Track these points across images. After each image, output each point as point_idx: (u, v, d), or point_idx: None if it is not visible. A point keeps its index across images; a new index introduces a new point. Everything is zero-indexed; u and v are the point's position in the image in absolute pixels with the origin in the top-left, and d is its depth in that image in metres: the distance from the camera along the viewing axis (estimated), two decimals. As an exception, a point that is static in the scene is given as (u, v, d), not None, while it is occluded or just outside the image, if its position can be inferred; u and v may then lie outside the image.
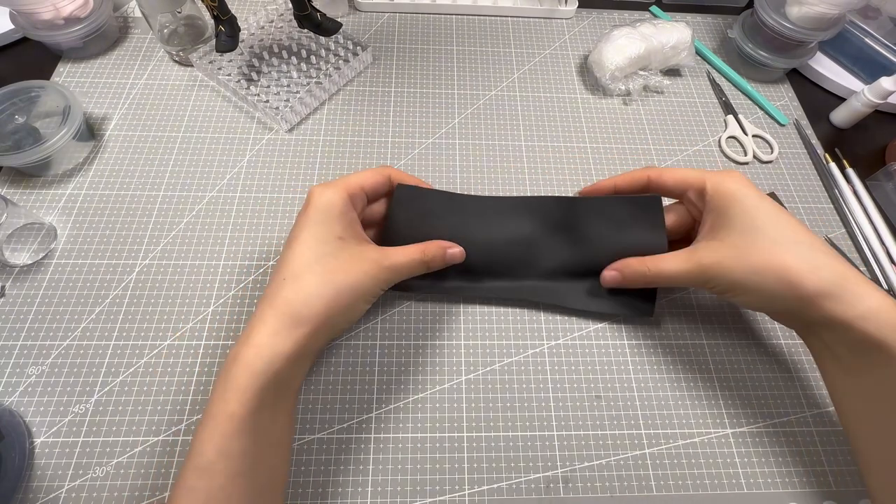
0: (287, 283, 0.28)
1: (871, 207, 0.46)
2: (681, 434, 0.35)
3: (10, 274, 0.38)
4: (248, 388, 0.25)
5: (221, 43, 0.43)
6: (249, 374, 0.26)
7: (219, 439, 0.24)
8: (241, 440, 0.25)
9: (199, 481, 0.24)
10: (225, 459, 0.24)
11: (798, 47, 0.51)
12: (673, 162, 0.48)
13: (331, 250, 0.29)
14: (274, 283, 0.29)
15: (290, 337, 0.27)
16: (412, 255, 0.32)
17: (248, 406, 0.25)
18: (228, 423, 0.25)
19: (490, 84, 0.52)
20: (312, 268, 0.28)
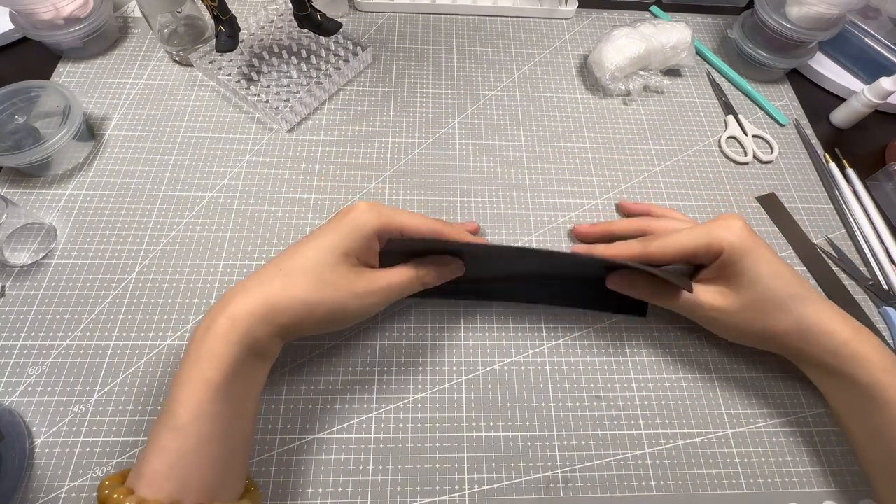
0: (282, 274, 0.29)
1: (871, 207, 0.46)
2: (681, 434, 0.35)
3: (10, 274, 0.38)
4: (223, 355, 0.26)
5: (221, 43, 0.43)
6: (226, 344, 0.26)
7: (194, 403, 0.25)
8: (215, 405, 0.26)
9: (172, 442, 0.25)
10: (198, 423, 0.25)
11: (798, 47, 0.51)
12: (673, 162, 0.48)
13: (331, 262, 0.30)
14: (270, 269, 0.30)
15: (263, 321, 0.28)
16: (405, 274, 0.33)
17: (223, 373, 0.26)
18: (204, 389, 0.25)
19: (490, 84, 0.52)
20: (307, 273, 0.29)
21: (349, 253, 0.31)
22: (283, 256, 0.31)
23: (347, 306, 0.30)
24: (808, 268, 0.43)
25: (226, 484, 0.26)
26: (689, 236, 0.35)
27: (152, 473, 0.24)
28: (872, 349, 0.31)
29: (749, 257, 0.33)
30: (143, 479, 0.24)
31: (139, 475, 0.24)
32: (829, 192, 0.47)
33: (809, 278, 0.42)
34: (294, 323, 0.29)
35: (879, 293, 0.41)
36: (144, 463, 0.25)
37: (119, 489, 0.24)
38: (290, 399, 0.35)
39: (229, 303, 0.28)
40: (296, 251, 0.30)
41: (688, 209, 0.45)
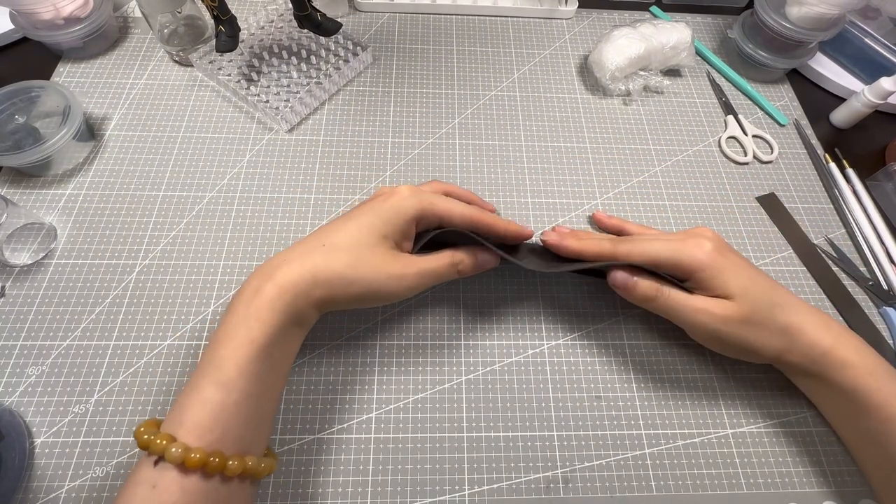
0: (323, 250, 0.30)
1: (871, 207, 0.46)
2: (681, 434, 0.35)
3: (10, 274, 0.38)
4: (269, 321, 0.27)
5: (221, 43, 0.43)
6: (271, 310, 0.28)
7: (240, 360, 0.26)
8: (258, 364, 0.27)
9: (216, 394, 0.26)
10: (244, 379, 0.26)
11: (798, 47, 0.51)
12: (673, 162, 0.48)
13: (371, 244, 0.31)
14: (310, 242, 0.31)
15: (308, 293, 0.29)
16: (441, 261, 0.34)
17: (267, 336, 0.27)
18: (250, 348, 0.27)
19: (490, 84, 0.52)
20: (349, 250, 0.31)
21: (388, 236, 0.32)
22: (324, 231, 0.32)
23: (382, 287, 0.31)
24: (808, 268, 0.43)
25: (256, 441, 0.28)
26: (660, 247, 0.34)
27: (194, 422, 0.25)
28: (855, 353, 0.32)
29: (723, 275, 0.33)
30: (185, 427, 0.25)
31: (180, 423, 0.25)
32: (829, 192, 0.47)
33: (809, 278, 0.42)
34: (330, 297, 0.30)
35: (879, 293, 0.41)
36: (185, 412, 0.25)
37: (160, 435, 0.24)
38: (289, 399, 0.35)
39: (275, 272, 0.29)
40: (338, 228, 0.32)
41: (688, 209, 0.45)
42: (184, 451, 0.24)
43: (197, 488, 0.24)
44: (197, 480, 0.24)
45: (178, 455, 0.23)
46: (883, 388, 0.31)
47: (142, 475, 0.24)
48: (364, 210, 0.32)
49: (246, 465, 0.25)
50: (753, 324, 0.33)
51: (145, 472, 0.24)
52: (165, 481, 0.24)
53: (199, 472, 0.24)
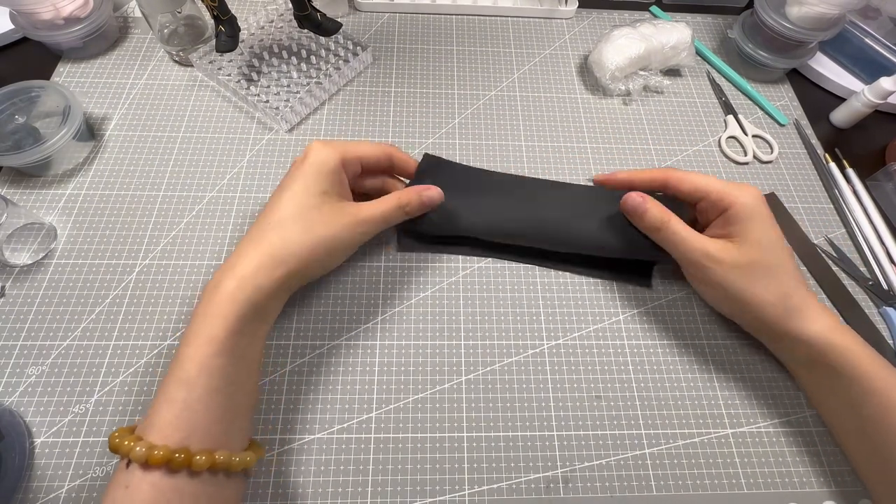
0: (272, 228, 0.31)
1: (871, 207, 0.46)
2: (681, 434, 0.35)
3: (10, 274, 0.38)
4: (228, 314, 0.28)
5: (221, 43, 0.43)
6: (231, 303, 0.28)
7: (199, 357, 0.27)
8: (220, 359, 0.27)
9: (179, 392, 0.26)
10: (205, 375, 0.27)
11: (798, 47, 0.51)
12: (672, 162, 0.48)
13: (315, 203, 0.32)
14: (259, 227, 0.31)
15: (271, 275, 0.30)
16: (388, 203, 0.35)
17: (228, 330, 0.28)
18: (210, 345, 0.27)
19: (490, 84, 0.52)
20: (296, 218, 0.31)
21: (326, 191, 0.33)
22: (264, 215, 0.32)
23: (342, 237, 0.32)
24: (808, 268, 0.43)
25: (230, 435, 0.28)
26: (708, 178, 0.36)
27: (160, 422, 0.26)
28: (854, 340, 0.32)
29: (756, 220, 0.34)
30: (153, 428, 0.25)
31: (149, 425, 0.26)
32: (829, 192, 0.47)
33: (809, 278, 0.42)
34: (296, 268, 0.31)
35: (879, 293, 0.41)
36: (153, 413, 0.26)
37: (129, 437, 0.25)
38: (290, 399, 0.35)
39: (234, 264, 0.30)
40: (276, 204, 0.32)
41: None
42: (147, 449, 0.24)
43: (167, 485, 0.25)
44: (164, 477, 0.25)
45: (142, 454, 0.24)
46: (885, 374, 0.31)
47: (117, 478, 0.25)
48: (291, 179, 0.33)
49: (214, 460, 0.26)
50: (759, 275, 0.33)
51: (120, 474, 0.25)
52: (135, 481, 0.24)
53: (164, 469, 0.25)
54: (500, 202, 0.41)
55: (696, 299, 0.41)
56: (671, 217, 0.36)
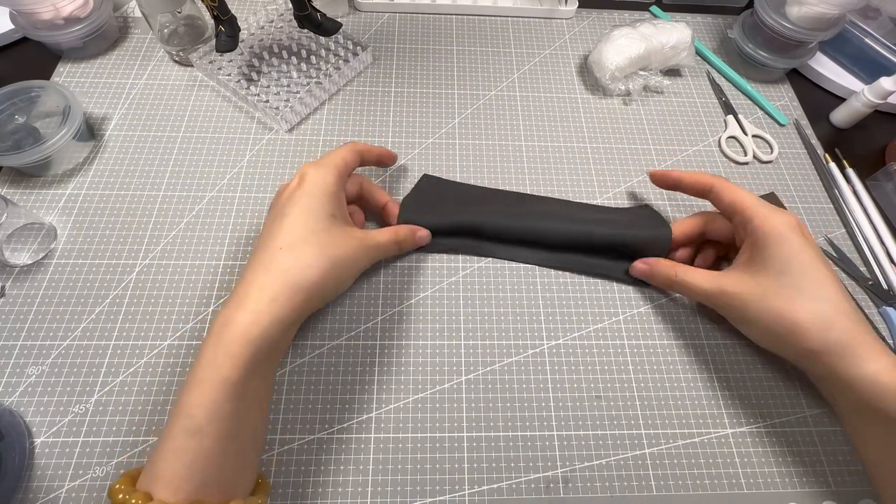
0: (283, 252, 0.29)
1: (871, 207, 0.46)
2: (681, 434, 0.35)
3: (10, 274, 0.38)
4: (242, 354, 0.26)
5: (221, 43, 0.43)
6: (245, 341, 0.26)
7: (210, 404, 0.25)
8: (232, 403, 0.25)
9: (189, 442, 0.24)
10: (216, 421, 0.25)
11: (798, 47, 0.51)
12: (672, 162, 0.48)
13: (325, 226, 0.31)
14: (267, 253, 0.29)
15: (288, 304, 0.28)
16: (387, 236, 0.36)
17: (241, 372, 0.25)
18: (221, 389, 0.25)
19: (490, 84, 0.52)
20: (308, 240, 0.30)
21: (334, 214, 0.32)
22: (266, 242, 0.30)
23: (355, 258, 0.32)
24: (808, 268, 0.43)
25: (242, 479, 0.26)
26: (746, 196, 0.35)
27: (169, 474, 0.24)
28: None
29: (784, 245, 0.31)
30: (161, 481, 0.24)
31: (155, 477, 0.24)
32: (829, 192, 0.47)
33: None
34: (317, 293, 0.29)
35: (879, 293, 0.41)
36: (161, 463, 0.24)
37: (136, 494, 0.23)
38: (289, 399, 0.35)
39: (245, 296, 0.27)
40: (278, 231, 0.30)
41: (688, 209, 0.45)
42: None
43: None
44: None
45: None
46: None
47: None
48: (291, 204, 0.31)
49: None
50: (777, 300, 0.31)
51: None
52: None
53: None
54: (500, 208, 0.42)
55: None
56: (677, 268, 0.36)
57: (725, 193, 0.36)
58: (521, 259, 0.41)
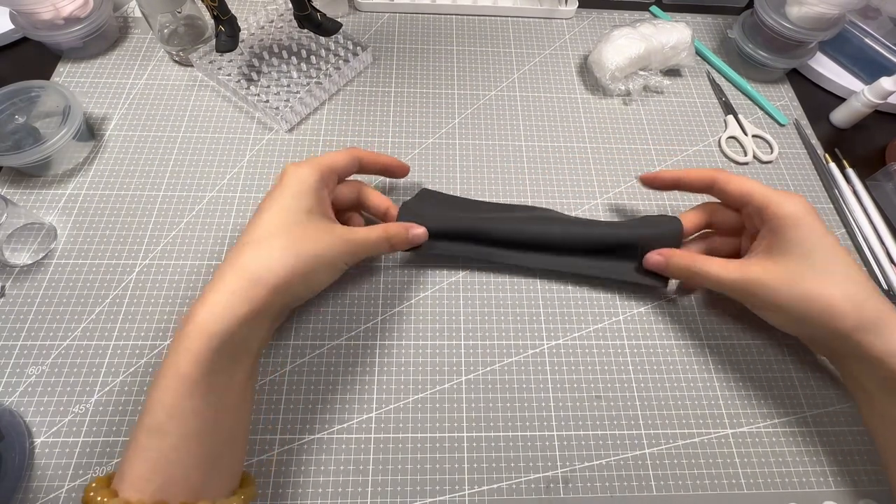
0: (249, 246, 0.29)
1: (871, 207, 0.46)
2: (681, 434, 0.35)
3: (10, 274, 0.38)
4: (200, 348, 0.25)
5: (221, 43, 0.43)
6: (202, 335, 0.25)
7: (170, 400, 0.24)
8: (193, 401, 0.25)
9: (150, 441, 0.24)
10: (176, 420, 0.24)
11: (798, 47, 0.51)
12: (672, 162, 0.48)
13: (298, 220, 0.30)
14: (236, 248, 0.29)
15: (247, 297, 0.27)
16: (376, 233, 0.34)
17: (200, 367, 0.25)
18: (180, 384, 0.25)
19: (490, 84, 0.52)
20: (277, 234, 0.29)
21: (311, 210, 0.31)
22: (243, 235, 0.30)
23: (327, 255, 0.30)
24: (808, 268, 0.43)
25: (213, 480, 0.26)
26: (753, 184, 0.35)
27: (133, 474, 0.24)
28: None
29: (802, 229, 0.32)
30: (126, 481, 0.24)
31: (122, 477, 0.24)
32: (829, 192, 0.47)
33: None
34: (281, 287, 0.28)
35: (879, 293, 0.41)
36: (126, 463, 0.24)
37: (103, 491, 0.23)
38: (290, 399, 0.35)
39: (207, 292, 0.27)
40: (255, 225, 0.30)
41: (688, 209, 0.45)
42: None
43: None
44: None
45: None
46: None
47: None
48: (269, 200, 0.31)
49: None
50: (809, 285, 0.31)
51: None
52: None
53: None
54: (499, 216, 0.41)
55: (696, 299, 0.41)
56: (695, 259, 0.35)
57: (731, 185, 0.36)
58: (524, 264, 0.40)
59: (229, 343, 0.26)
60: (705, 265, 0.34)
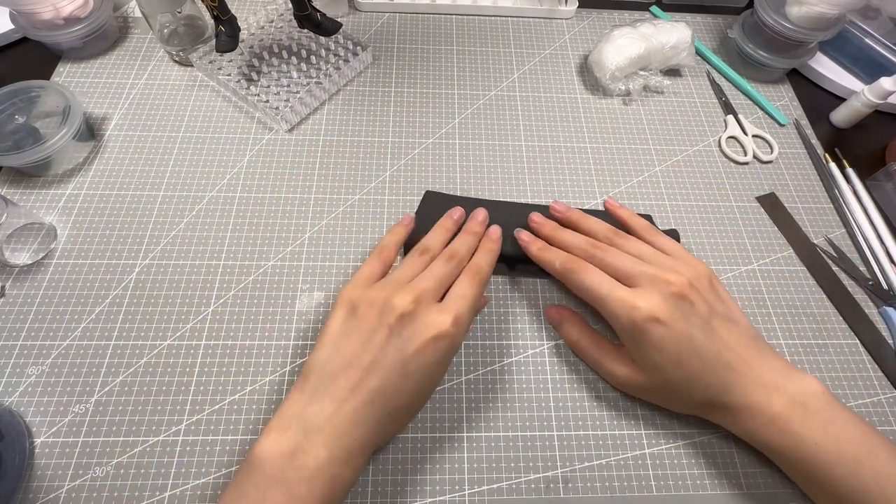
0: (391, 418, 0.29)
1: (871, 207, 0.46)
2: (681, 434, 0.35)
3: (10, 274, 0.38)
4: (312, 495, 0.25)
5: (221, 43, 0.43)
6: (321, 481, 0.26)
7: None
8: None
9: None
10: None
11: (798, 47, 0.51)
12: (673, 162, 0.48)
13: (430, 389, 0.32)
14: (380, 410, 0.28)
15: (361, 463, 0.29)
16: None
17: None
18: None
19: (490, 84, 0.52)
20: (413, 407, 0.31)
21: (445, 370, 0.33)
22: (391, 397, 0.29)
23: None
24: (808, 268, 0.43)
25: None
26: (600, 285, 0.32)
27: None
28: (803, 424, 0.30)
29: (643, 348, 0.31)
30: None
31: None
32: (829, 192, 0.47)
33: (809, 278, 0.42)
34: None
35: (879, 293, 0.41)
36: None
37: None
38: (290, 399, 0.35)
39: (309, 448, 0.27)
40: (406, 390, 0.29)
41: (688, 209, 0.45)
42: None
43: None
44: None
45: None
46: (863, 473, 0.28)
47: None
48: (429, 355, 0.29)
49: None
50: (662, 396, 0.34)
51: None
52: None
53: None
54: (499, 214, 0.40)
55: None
56: (581, 338, 0.36)
57: (577, 281, 0.34)
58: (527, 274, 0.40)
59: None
60: (587, 349, 0.36)
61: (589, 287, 0.33)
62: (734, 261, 0.43)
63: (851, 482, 0.28)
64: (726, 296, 0.35)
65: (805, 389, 0.30)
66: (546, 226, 0.38)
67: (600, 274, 0.33)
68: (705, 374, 0.31)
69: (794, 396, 0.30)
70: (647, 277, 0.32)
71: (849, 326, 0.40)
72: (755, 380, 0.31)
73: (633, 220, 0.39)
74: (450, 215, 0.38)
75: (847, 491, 0.29)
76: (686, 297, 0.31)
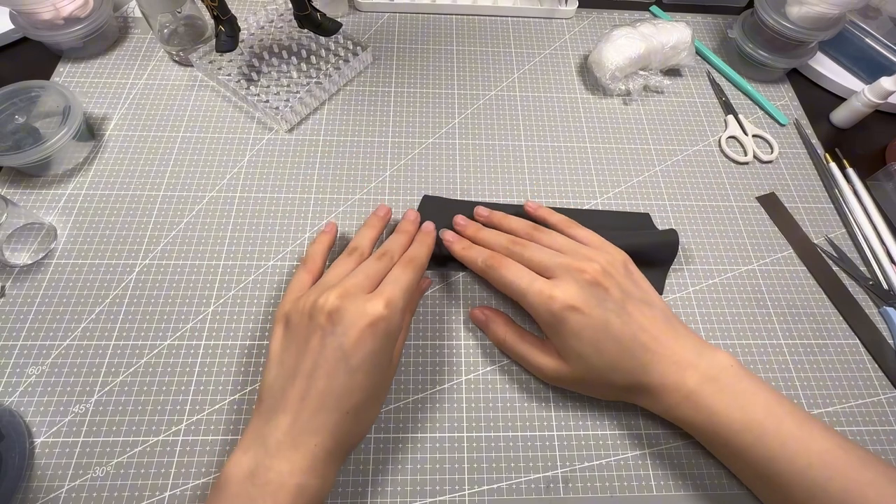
0: (350, 417, 0.29)
1: (871, 207, 0.46)
2: (681, 434, 0.35)
3: (10, 274, 0.38)
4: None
5: (221, 43, 0.43)
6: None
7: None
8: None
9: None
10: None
11: (798, 47, 0.51)
12: (673, 162, 0.48)
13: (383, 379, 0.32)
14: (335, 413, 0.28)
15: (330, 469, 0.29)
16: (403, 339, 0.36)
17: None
18: None
19: (490, 84, 0.52)
20: (371, 402, 0.31)
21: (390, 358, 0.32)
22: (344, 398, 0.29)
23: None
24: (808, 268, 0.43)
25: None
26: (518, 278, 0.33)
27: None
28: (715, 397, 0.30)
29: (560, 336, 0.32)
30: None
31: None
32: (829, 191, 0.47)
33: (809, 278, 0.42)
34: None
35: (879, 293, 0.41)
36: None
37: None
38: (290, 399, 0.35)
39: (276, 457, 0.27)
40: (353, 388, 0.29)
41: (688, 209, 0.45)
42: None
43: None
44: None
45: None
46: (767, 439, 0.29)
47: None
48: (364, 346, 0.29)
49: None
50: (588, 384, 0.33)
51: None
52: None
53: None
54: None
55: (696, 299, 0.41)
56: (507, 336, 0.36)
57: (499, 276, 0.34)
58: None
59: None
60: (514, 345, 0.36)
61: (510, 281, 0.33)
62: (734, 261, 0.43)
63: (758, 448, 0.29)
64: (642, 280, 0.35)
65: (716, 364, 0.31)
66: (469, 227, 0.39)
67: (520, 268, 0.34)
68: (624, 357, 0.31)
69: (706, 372, 0.31)
70: (563, 268, 0.33)
71: (849, 326, 0.40)
72: (670, 358, 0.31)
73: (551, 217, 0.39)
74: (376, 212, 0.38)
75: (756, 457, 0.29)
76: (600, 284, 0.32)
